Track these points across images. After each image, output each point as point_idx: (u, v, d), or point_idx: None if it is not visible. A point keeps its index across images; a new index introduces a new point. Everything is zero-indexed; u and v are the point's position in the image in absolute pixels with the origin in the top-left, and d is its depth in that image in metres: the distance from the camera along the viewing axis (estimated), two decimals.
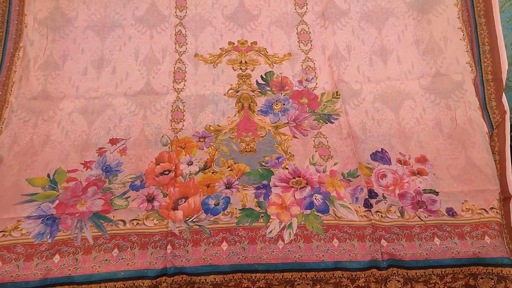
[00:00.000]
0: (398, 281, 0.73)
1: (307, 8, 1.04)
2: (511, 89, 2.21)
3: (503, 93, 0.93)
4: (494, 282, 0.73)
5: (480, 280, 0.74)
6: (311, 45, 1.01)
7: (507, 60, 2.15)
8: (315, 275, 0.72)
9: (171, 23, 1.02)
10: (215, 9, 1.04)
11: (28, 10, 1.00)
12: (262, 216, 0.75)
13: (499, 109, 0.90)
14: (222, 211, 0.76)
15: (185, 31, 1.02)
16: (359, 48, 1.00)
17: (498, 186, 0.82)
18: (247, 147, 0.86)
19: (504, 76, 0.93)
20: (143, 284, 0.70)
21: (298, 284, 0.72)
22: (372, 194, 0.79)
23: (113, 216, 0.76)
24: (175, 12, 1.03)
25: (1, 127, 0.88)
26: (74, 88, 0.95)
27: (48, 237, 0.72)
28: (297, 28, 1.03)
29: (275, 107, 0.93)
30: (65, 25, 1.00)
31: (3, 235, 0.73)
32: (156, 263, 0.71)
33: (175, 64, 0.98)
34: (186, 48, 1.00)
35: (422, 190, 0.81)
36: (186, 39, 1.01)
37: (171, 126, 0.90)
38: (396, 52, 0.99)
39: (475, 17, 0.98)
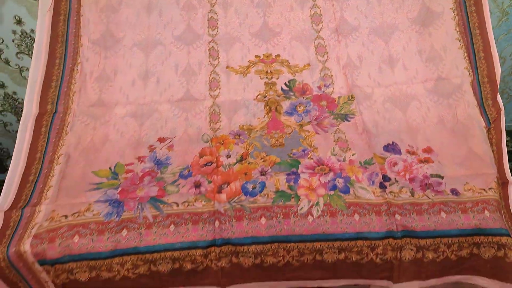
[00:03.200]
0: (411, 250, 0.85)
1: (322, 25, 1.20)
2: None
3: (498, 93, 1.07)
4: (494, 250, 0.85)
5: (483, 248, 0.86)
6: (327, 56, 1.16)
7: (508, 70, 2.30)
8: (340, 244, 0.84)
9: (205, 41, 1.19)
10: (242, 28, 1.20)
11: (83, 32, 1.17)
12: (293, 197, 0.88)
13: (494, 107, 1.04)
14: (259, 193, 0.89)
15: (217, 47, 1.18)
16: (369, 58, 1.15)
17: (495, 171, 0.94)
18: (276, 142, 1.01)
19: (498, 78, 1.07)
20: (196, 253, 0.84)
21: (326, 253, 0.85)
22: (386, 178, 0.92)
23: (167, 199, 0.90)
24: (208, 32, 1.20)
25: (67, 130, 1.04)
26: (125, 96, 1.11)
27: (115, 216, 0.87)
28: (314, 42, 1.19)
29: (299, 109, 1.08)
30: (115, 44, 1.17)
31: (78, 215, 0.87)
32: (206, 235, 0.84)
33: (210, 75, 1.14)
34: (219, 61, 1.16)
35: (429, 174, 0.94)
36: (218, 53, 1.17)
37: (210, 126, 1.05)
38: (402, 60, 1.14)
39: (471, 28, 1.13)
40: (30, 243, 0.83)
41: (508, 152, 2.50)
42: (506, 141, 2.61)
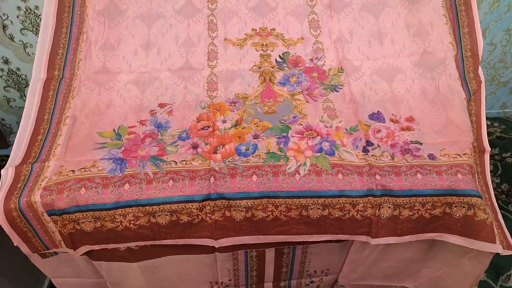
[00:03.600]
0: (389, 207, 0.93)
1: (316, 1, 1.26)
2: (503, 84, 2.41)
3: (479, 67, 1.13)
4: (465, 209, 0.93)
5: (454, 208, 0.94)
6: (320, 31, 1.23)
7: (498, 57, 2.37)
8: (324, 201, 0.92)
9: (204, 14, 1.24)
10: (240, 2, 1.26)
11: (89, 3, 1.23)
12: (282, 158, 0.96)
13: (476, 79, 1.11)
14: (251, 154, 0.96)
15: (216, 20, 1.24)
16: (360, 33, 1.21)
17: (471, 138, 1.02)
18: (269, 110, 1.08)
19: (481, 53, 1.14)
20: (192, 206, 0.92)
21: (311, 209, 0.93)
22: (369, 143, 1.00)
23: (167, 158, 0.97)
24: (207, 6, 1.26)
25: (73, 94, 1.11)
26: (128, 65, 1.17)
27: (118, 172, 0.94)
28: (308, 17, 1.24)
29: (291, 79, 1.15)
30: (118, 15, 1.23)
31: (85, 170, 0.95)
32: (202, 190, 0.92)
33: (209, 46, 1.21)
34: (217, 34, 1.22)
35: (410, 141, 1.01)
36: (217, 26, 1.23)
37: (207, 94, 1.12)
38: (390, 35, 1.20)
39: (456, 5, 1.19)
40: (40, 194, 0.91)
41: (497, 137, 2.58)
42: (495, 126, 2.68)
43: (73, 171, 0.94)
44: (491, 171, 2.07)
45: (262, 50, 1.21)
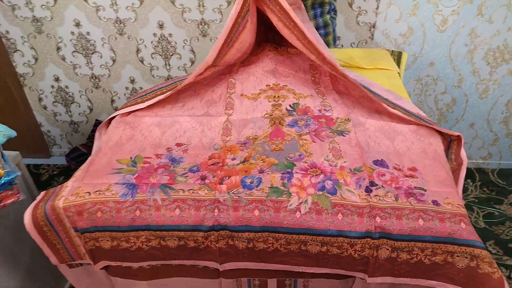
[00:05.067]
0: (387, 249, 0.93)
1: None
2: None
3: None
4: (468, 260, 0.92)
5: (457, 257, 0.93)
6: (326, 97, 1.35)
7: None
8: (323, 239, 0.94)
9: (226, 77, 1.40)
10: (257, 67, 1.41)
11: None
12: (285, 193, 0.99)
13: (457, 161, 1.21)
14: (255, 187, 1.01)
15: (235, 81, 1.38)
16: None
17: None
18: (276, 147, 1.13)
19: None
20: (198, 234, 0.97)
21: (310, 244, 0.95)
22: (373, 183, 1.02)
23: (175, 186, 1.03)
24: (230, 74, 1.42)
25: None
26: (154, 113, 1.31)
27: (130, 197, 1.00)
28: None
29: (300, 122, 1.22)
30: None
31: (99, 193, 1.02)
32: (206, 221, 0.96)
33: (226, 99, 1.32)
34: (235, 91, 1.35)
35: (413, 187, 1.03)
36: (235, 85, 1.37)
37: (221, 138, 1.20)
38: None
39: None
40: (62, 206, 1.00)
41: None
42: None
43: (89, 193, 1.02)
44: None
45: (274, 101, 1.31)
